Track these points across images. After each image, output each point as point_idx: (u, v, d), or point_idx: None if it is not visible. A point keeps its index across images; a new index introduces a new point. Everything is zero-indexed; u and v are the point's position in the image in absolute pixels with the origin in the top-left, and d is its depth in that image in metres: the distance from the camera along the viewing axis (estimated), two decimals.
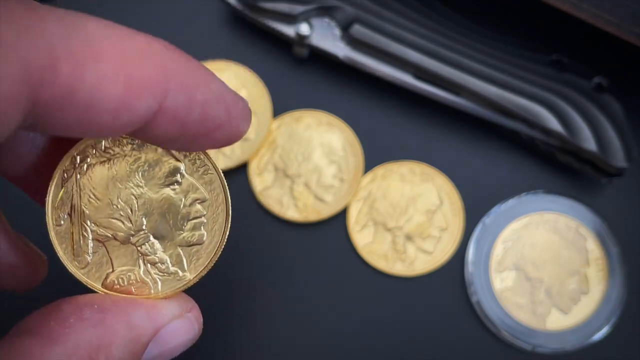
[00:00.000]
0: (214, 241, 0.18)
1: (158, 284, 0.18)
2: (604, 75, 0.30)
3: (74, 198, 0.18)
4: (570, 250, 0.30)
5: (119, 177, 0.18)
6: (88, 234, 0.18)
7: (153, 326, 0.17)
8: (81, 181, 0.18)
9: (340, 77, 0.32)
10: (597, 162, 0.29)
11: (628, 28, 0.27)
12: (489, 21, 0.32)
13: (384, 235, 0.30)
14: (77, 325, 0.16)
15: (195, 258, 0.18)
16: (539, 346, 0.29)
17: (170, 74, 0.15)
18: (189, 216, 0.18)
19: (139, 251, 0.18)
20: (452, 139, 0.31)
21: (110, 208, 0.18)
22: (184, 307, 0.18)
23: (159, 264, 0.18)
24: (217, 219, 0.19)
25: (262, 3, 0.30)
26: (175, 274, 0.18)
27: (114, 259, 0.18)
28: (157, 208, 0.18)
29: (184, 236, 0.18)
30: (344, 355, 0.29)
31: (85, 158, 0.18)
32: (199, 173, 0.19)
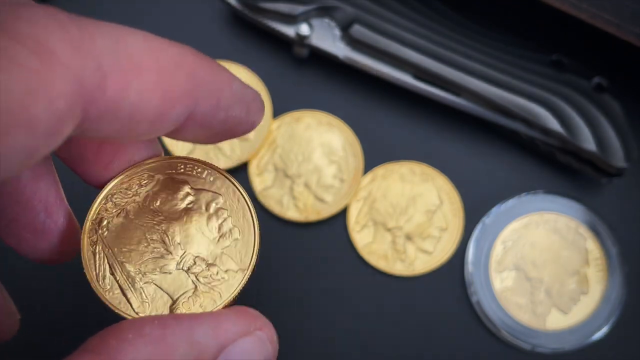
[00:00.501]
0: (248, 229, 0.19)
1: (220, 293, 0.18)
2: (604, 76, 0.30)
3: (108, 258, 0.18)
4: (570, 250, 0.30)
5: (138, 220, 0.19)
6: (137, 282, 0.18)
7: (217, 343, 0.16)
8: (107, 240, 0.18)
9: (340, 78, 0.32)
10: (597, 162, 0.29)
11: (628, 28, 0.27)
12: (489, 21, 0.32)
13: (384, 235, 0.30)
14: (137, 341, 0.15)
15: (240, 253, 0.19)
16: (539, 346, 0.29)
17: (200, 82, 0.16)
18: (214, 220, 0.19)
19: (191, 273, 0.18)
20: (452, 139, 0.31)
21: (145, 249, 0.18)
22: (253, 324, 0.17)
23: (212, 275, 0.18)
24: (239, 208, 0.19)
25: (262, 3, 0.30)
26: (231, 273, 0.18)
27: (172, 290, 0.18)
28: (185, 228, 0.19)
29: (219, 239, 0.19)
30: (344, 354, 0.29)
31: (102, 220, 0.19)
32: (203, 180, 0.19)
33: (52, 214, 0.19)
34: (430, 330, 0.29)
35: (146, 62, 0.14)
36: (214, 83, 0.16)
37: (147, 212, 0.19)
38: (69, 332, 0.20)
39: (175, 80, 0.15)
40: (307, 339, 0.29)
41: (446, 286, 0.30)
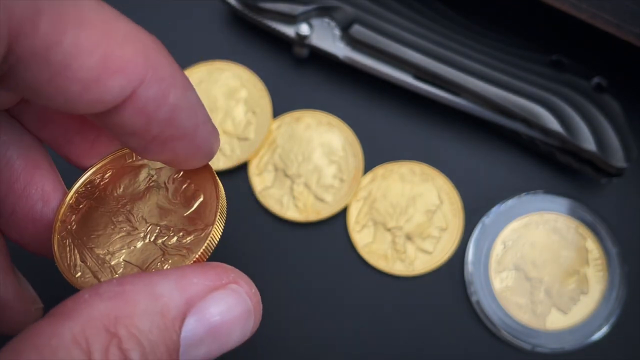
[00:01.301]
0: (210, 190, 0.19)
1: (189, 252, 0.17)
2: (604, 76, 0.30)
3: (78, 247, 0.18)
4: (569, 250, 0.30)
5: (103, 208, 0.19)
6: (108, 262, 0.18)
7: (182, 296, 0.15)
8: (75, 232, 0.19)
9: (340, 78, 0.32)
10: (596, 162, 0.29)
11: (628, 28, 0.27)
12: (488, 21, 0.32)
13: (384, 235, 0.30)
14: (93, 299, 0.14)
15: (206, 213, 0.18)
16: (539, 346, 0.29)
17: (151, 64, 0.15)
18: (177, 189, 0.19)
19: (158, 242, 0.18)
20: (452, 139, 0.31)
21: (112, 231, 0.19)
22: (224, 277, 0.16)
23: (179, 238, 0.18)
24: (200, 176, 0.19)
25: (262, 3, 0.30)
26: (197, 233, 0.18)
27: (142, 261, 0.18)
28: (149, 204, 0.19)
29: (184, 204, 0.19)
30: (343, 354, 0.29)
31: (70, 215, 0.19)
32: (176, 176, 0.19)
33: (50, 202, 0.18)
34: (430, 330, 0.29)
35: (93, 20, 0.14)
36: (167, 74, 0.15)
37: (111, 199, 0.19)
38: None
39: (122, 48, 0.14)
40: (307, 339, 0.29)
41: (446, 286, 0.30)
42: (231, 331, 0.16)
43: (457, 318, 0.29)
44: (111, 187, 0.19)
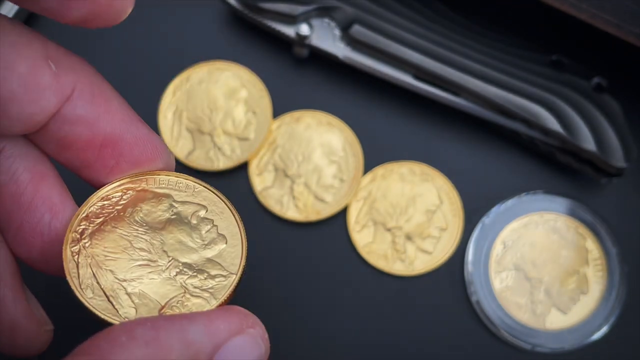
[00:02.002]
0: (235, 236, 0.19)
1: (211, 297, 0.18)
2: (604, 76, 0.30)
3: (92, 266, 0.18)
4: (569, 250, 0.30)
5: (121, 230, 0.19)
6: (124, 289, 0.18)
7: (211, 341, 0.16)
8: (90, 250, 0.18)
9: (340, 78, 0.32)
10: (596, 162, 0.29)
11: (628, 28, 0.27)
12: (488, 21, 0.32)
13: (383, 235, 0.30)
14: (129, 343, 0.15)
15: (229, 258, 0.19)
16: (539, 345, 0.29)
17: None
18: (200, 228, 0.19)
19: (178, 279, 0.18)
20: (451, 139, 0.31)
21: (131, 257, 0.18)
22: (244, 322, 0.17)
23: (201, 280, 0.18)
24: (225, 217, 0.19)
25: (262, 3, 0.30)
26: (220, 279, 0.18)
27: (159, 296, 0.18)
28: (171, 238, 0.19)
29: (206, 246, 0.19)
30: (343, 354, 0.29)
31: (84, 230, 0.19)
32: (186, 193, 0.19)
33: (58, 214, 0.18)
34: (429, 330, 0.29)
35: None
36: None
37: (131, 222, 0.19)
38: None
39: None
40: (307, 338, 0.29)
41: (446, 286, 0.30)
42: None
43: (457, 318, 0.29)
44: (131, 210, 0.19)
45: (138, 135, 0.19)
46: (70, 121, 0.18)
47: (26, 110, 0.17)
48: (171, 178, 0.19)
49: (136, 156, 0.19)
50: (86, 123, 0.18)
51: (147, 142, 0.19)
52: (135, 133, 0.19)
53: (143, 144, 0.19)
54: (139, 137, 0.19)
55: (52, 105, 0.17)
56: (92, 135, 0.18)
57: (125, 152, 0.19)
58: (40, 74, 0.17)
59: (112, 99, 0.18)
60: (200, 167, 0.30)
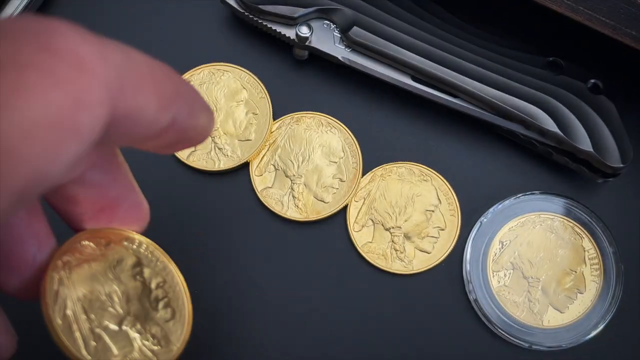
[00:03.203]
0: (184, 313, 0.21)
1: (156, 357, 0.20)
2: (600, 77, 0.30)
3: (69, 296, 0.19)
4: (566, 249, 0.30)
5: (98, 274, 0.20)
6: (90, 325, 0.20)
7: None
8: (70, 280, 0.20)
9: (340, 79, 0.32)
10: (593, 162, 0.29)
11: (624, 30, 0.27)
12: (486, 23, 0.32)
13: (383, 235, 0.30)
14: None
15: (175, 329, 0.21)
16: (536, 344, 0.29)
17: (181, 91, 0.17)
18: (158, 297, 0.21)
19: (132, 334, 0.20)
20: (449, 139, 0.32)
21: (99, 301, 0.20)
22: None
23: (150, 341, 0.20)
24: (178, 295, 0.21)
25: (262, 6, 0.30)
26: (165, 346, 0.21)
27: (114, 344, 0.20)
28: (134, 295, 0.21)
29: (160, 314, 0.21)
30: (343, 353, 0.29)
31: (69, 261, 0.20)
32: (153, 263, 0.21)
33: (43, 247, 0.19)
34: (428, 328, 0.29)
35: (145, 72, 0.16)
36: (189, 92, 0.18)
37: (108, 269, 0.20)
38: None
39: (165, 88, 0.16)
40: (307, 338, 0.29)
41: (444, 285, 0.30)
42: None
43: (455, 316, 0.30)
44: (110, 258, 0.21)
45: (134, 202, 0.21)
46: (88, 184, 0.19)
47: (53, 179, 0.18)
48: (149, 247, 0.21)
49: (125, 219, 0.21)
50: (98, 187, 0.19)
51: (138, 209, 0.21)
52: (132, 200, 0.21)
53: (136, 210, 0.21)
54: (134, 204, 0.21)
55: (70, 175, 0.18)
56: (98, 199, 0.19)
57: (119, 215, 0.20)
58: None
59: (122, 164, 0.20)
60: (201, 167, 0.30)
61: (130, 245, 0.21)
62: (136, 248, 0.21)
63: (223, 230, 0.30)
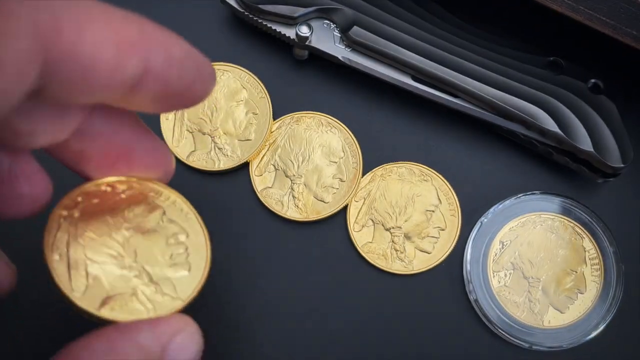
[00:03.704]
0: (199, 269, 0.21)
1: (153, 308, 0.20)
2: (600, 77, 0.30)
3: (70, 234, 0.19)
4: (566, 249, 0.30)
5: (109, 217, 0.20)
6: (85, 266, 0.19)
7: (159, 342, 0.19)
8: (75, 219, 0.19)
9: (340, 79, 0.32)
10: (593, 162, 0.29)
11: (624, 30, 0.27)
12: (486, 23, 0.32)
13: (383, 235, 0.30)
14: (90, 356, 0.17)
15: (184, 284, 0.20)
16: (536, 344, 0.29)
17: (149, 35, 0.16)
18: (174, 249, 0.20)
19: (134, 280, 0.20)
20: (450, 139, 0.32)
21: (106, 244, 0.20)
22: (182, 323, 0.20)
23: (152, 292, 0.20)
24: (199, 249, 0.21)
25: (262, 5, 0.30)
26: (168, 298, 0.20)
27: (111, 286, 0.19)
28: (146, 243, 0.20)
29: (172, 266, 0.20)
30: (344, 353, 0.29)
31: (79, 203, 0.20)
32: (177, 212, 0.21)
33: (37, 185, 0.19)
34: (428, 329, 0.29)
35: (97, 14, 0.15)
36: (163, 37, 0.17)
37: (120, 214, 0.20)
38: None
39: (126, 31, 0.16)
40: (307, 338, 0.29)
41: (444, 285, 0.30)
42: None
43: (455, 317, 0.30)
44: (125, 206, 0.20)
45: (150, 146, 0.20)
46: (90, 136, 0.18)
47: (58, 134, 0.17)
48: (172, 196, 0.21)
49: (145, 166, 0.20)
50: (105, 138, 0.19)
51: (158, 154, 0.20)
52: (148, 144, 0.20)
53: (155, 155, 0.20)
54: (151, 148, 0.20)
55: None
56: (108, 149, 0.19)
57: (136, 163, 0.20)
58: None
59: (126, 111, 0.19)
60: (201, 167, 0.30)
61: (156, 197, 0.20)
62: (163, 199, 0.21)
63: (223, 231, 0.30)
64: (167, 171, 0.21)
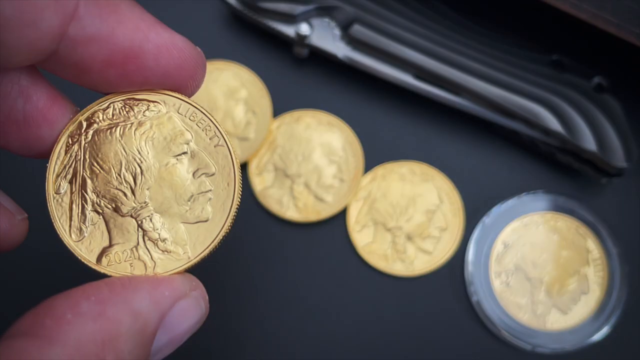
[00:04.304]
0: (220, 219, 0.17)
1: (156, 263, 0.17)
2: (604, 76, 0.30)
3: (77, 165, 0.17)
4: (570, 250, 0.30)
5: (124, 145, 0.17)
6: (87, 204, 0.17)
7: (158, 310, 0.16)
8: (86, 147, 0.17)
9: (340, 77, 0.32)
10: (596, 162, 0.29)
11: (628, 28, 0.27)
12: (489, 21, 0.32)
13: (384, 235, 0.30)
14: (76, 321, 0.14)
15: (198, 237, 0.17)
16: (539, 346, 0.29)
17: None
18: (195, 190, 0.17)
19: (140, 226, 0.17)
20: (452, 139, 0.31)
21: (114, 177, 0.17)
22: (187, 285, 0.17)
23: (159, 242, 0.17)
24: (224, 195, 0.17)
25: (262, 3, 0.30)
26: (175, 253, 0.17)
27: (113, 234, 0.17)
28: (162, 180, 0.17)
29: (188, 211, 0.17)
30: (343, 354, 0.29)
31: (93, 124, 0.17)
32: (208, 144, 0.17)
33: (31, 97, 0.17)
34: (430, 330, 0.29)
35: None
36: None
37: (137, 141, 0.17)
38: None
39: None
40: (307, 339, 0.29)
41: (446, 286, 0.30)
42: (185, 336, 0.17)
43: (457, 318, 0.29)
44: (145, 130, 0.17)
45: (159, 42, 0.16)
46: (81, 42, 0.16)
47: (26, 37, 0.15)
48: (204, 117, 0.17)
49: (163, 67, 0.17)
50: (99, 41, 0.16)
51: (171, 48, 0.17)
52: (156, 40, 0.16)
53: (167, 51, 0.17)
54: (161, 45, 0.16)
55: (55, 26, 0.15)
56: (109, 53, 0.16)
57: (150, 64, 0.16)
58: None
59: (120, 5, 0.16)
60: None
61: (182, 117, 0.17)
62: (191, 121, 0.17)
63: None
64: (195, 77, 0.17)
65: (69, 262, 0.17)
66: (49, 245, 0.18)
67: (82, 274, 0.17)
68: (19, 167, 0.22)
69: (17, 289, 0.28)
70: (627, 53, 0.30)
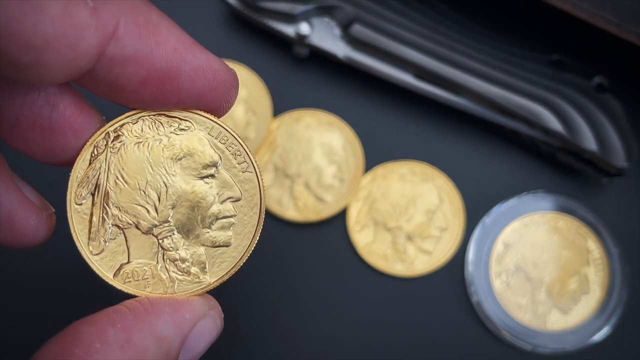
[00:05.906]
0: (242, 245, 0.17)
1: (174, 283, 0.17)
2: (605, 75, 0.30)
3: (101, 177, 0.17)
4: (570, 250, 0.30)
5: (151, 162, 0.17)
6: (108, 218, 0.17)
7: (180, 334, 0.16)
8: (111, 160, 0.17)
9: (341, 77, 0.32)
10: (597, 162, 0.29)
11: (629, 28, 0.27)
12: (489, 21, 0.32)
13: (384, 235, 0.30)
14: (104, 349, 0.15)
15: (219, 261, 0.17)
16: (540, 346, 0.28)
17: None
18: (218, 214, 0.17)
19: (160, 245, 0.17)
20: (452, 138, 0.31)
21: (137, 193, 0.17)
22: (206, 305, 0.17)
23: (179, 262, 0.17)
24: (248, 221, 0.17)
25: (262, 3, 0.30)
26: (195, 276, 0.17)
27: (132, 250, 0.17)
28: (187, 201, 0.17)
29: (210, 235, 0.17)
30: (343, 354, 0.29)
31: (120, 136, 0.17)
32: (237, 169, 0.17)
33: (58, 105, 0.16)
34: (430, 331, 0.29)
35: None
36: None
37: (164, 159, 0.17)
38: None
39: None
40: (307, 339, 0.29)
41: (446, 286, 0.30)
42: (203, 352, 0.17)
43: (457, 318, 0.29)
44: (175, 150, 0.17)
45: (196, 64, 0.17)
46: (119, 62, 0.16)
47: (65, 57, 0.14)
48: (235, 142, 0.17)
49: (199, 88, 0.17)
50: (137, 62, 0.16)
51: (207, 70, 0.17)
52: (193, 62, 0.17)
53: (203, 73, 0.17)
54: (197, 67, 0.17)
55: (94, 47, 0.15)
56: (145, 74, 0.16)
57: (185, 86, 0.16)
58: (76, 12, 0.14)
59: (159, 25, 0.17)
60: None
61: (212, 139, 0.17)
62: (221, 144, 0.17)
63: None
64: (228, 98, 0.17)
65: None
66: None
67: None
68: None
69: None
70: (627, 53, 0.30)
